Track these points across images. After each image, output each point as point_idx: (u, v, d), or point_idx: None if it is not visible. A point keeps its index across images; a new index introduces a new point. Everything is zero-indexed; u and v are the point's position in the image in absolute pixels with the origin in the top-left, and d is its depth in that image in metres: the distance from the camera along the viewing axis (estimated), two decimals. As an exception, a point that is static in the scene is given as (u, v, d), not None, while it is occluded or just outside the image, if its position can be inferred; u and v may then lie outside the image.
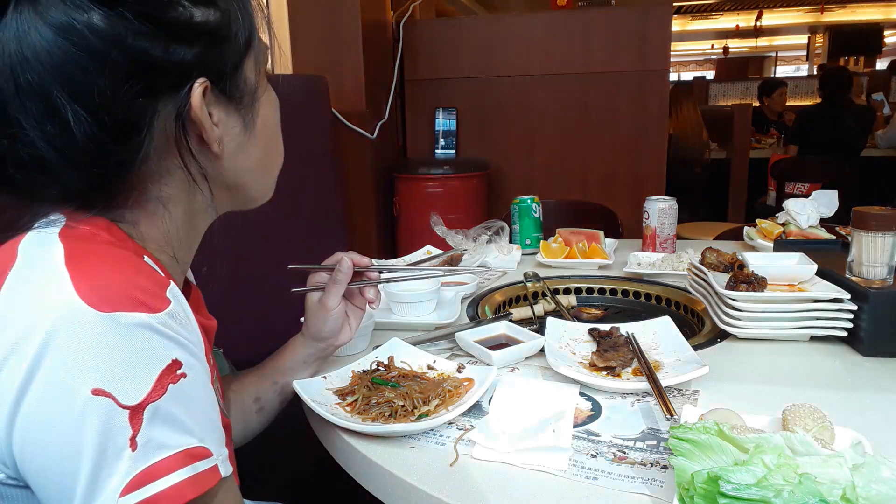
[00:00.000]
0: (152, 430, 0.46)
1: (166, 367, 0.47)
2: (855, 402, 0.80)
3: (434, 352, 0.95)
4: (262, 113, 0.62)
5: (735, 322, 0.99)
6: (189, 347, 0.50)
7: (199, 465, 0.48)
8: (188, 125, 0.54)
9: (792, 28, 10.10)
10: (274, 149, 0.66)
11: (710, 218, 4.07)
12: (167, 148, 0.54)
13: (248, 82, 0.59)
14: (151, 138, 0.52)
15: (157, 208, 0.57)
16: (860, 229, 0.96)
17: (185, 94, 0.53)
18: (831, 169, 3.80)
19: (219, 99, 0.56)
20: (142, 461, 0.46)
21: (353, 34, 2.51)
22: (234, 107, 0.58)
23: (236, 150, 0.59)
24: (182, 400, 0.48)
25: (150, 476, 0.46)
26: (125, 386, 0.45)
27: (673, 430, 0.59)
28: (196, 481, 0.48)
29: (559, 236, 1.55)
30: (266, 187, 0.68)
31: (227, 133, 0.58)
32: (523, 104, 2.92)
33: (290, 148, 0.70)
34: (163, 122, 0.53)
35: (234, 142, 0.59)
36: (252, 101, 0.60)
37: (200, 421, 0.50)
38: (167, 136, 0.54)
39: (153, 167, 0.54)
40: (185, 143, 0.54)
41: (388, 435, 0.74)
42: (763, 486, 0.51)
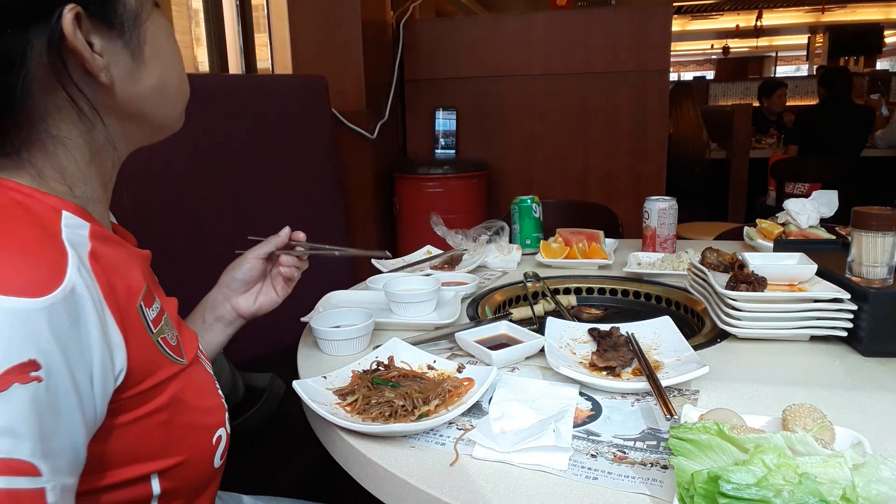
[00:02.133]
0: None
1: (19, 364, 0.43)
2: (855, 402, 0.80)
3: (434, 352, 0.95)
4: (150, 39, 0.60)
5: (735, 322, 0.99)
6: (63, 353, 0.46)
7: (17, 481, 0.42)
8: (66, 56, 0.53)
9: (792, 28, 10.11)
10: (171, 75, 0.63)
11: (710, 218, 4.07)
12: (50, 82, 0.53)
13: (126, 7, 0.57)
14: (28, 72, 0.51)
15: (55, 148, 0.55)
16: (860, 229, 0.96)
17: (55, 21, 0.51)
18: (831, 169, 3.80)
19: (97, 27, 0.55)
20: None
21: (353, 34, 2.51)
22: (117, 34, 0.56)
23: (127, 78, 0.58)
24: (25, 405, 0.43)
25: None
26: None
27: (673, 430, 0.59)
28: (9, 497, 0.42)
29: (559, 236, 1.55)
30: (171, 116, 0.65)
31: (114, 61, 0.56)
32: (523, 104, 2.92)
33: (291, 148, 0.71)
34: (38, 54, 0.51)
35: (124, 70, 0.57)
36: (135, 27, 0.58)
37: (43, 436, 0.44)
38: (46, 69, 0.52)
39: (40, 104, 0.53)
40: (66, 75, 0.53)
41: (388, 435, 0.74)
42: (763, 486, 0.51)
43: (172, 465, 0.58)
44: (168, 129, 0.66)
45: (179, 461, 0.59)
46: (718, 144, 4.64)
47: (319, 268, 1.96)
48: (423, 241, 1.64)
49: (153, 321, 0.59)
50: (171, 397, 0.58)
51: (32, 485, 0.43)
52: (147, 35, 0.59)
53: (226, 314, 0.90)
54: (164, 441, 0.57)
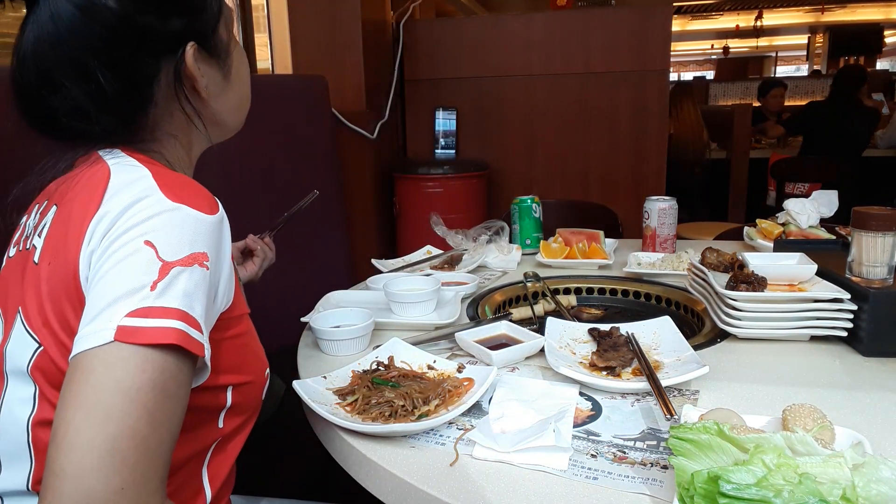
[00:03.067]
0: (171, 285, 0.56)
1: (199, 252, 0.59)
2: (855, 402, 0.80)
3: (434, 352, 0.95)
4: (234, 65, 0.78)
5: (735, 322, 0.99)
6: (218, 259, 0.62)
7: (191, 330, 0.56)
8: (183, 78, 0.71)
9: (792, 28, 10.11)
10: (245, 93, 0.82)
11: (710, 218, 4.07)
12: (169, 95, 0.71)
13: (222, 40, 0.75)
14: (159, 88, 0.70)
15: (169, 140, 0.73)
16: (860, 229, 0.96)
17: (180, 55, 0.69)
18: (831, 169, 3.80)
19: (203, 56, 0.72)
20: (153, 300, 0.55)
21: (353, 34, 2.51)
22: (215, 61, 0.74)
23: (219, 94, 0.76)
24: (200, 282, 0.58)
25: (154, 313, 0.55)
26: (167, 247, 0.57)
27: (673, 430, 0.59)
28: (182, 336, 0.55)
29: (559, 236, 1.55)
30: (240, 122, 0.83)
31: (211, 81, 0.74)
32: (523, 104, 2.92)
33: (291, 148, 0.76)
34: (165, 76, 0.70)
35: (217, 88, 0.75)
36: (227, 56, 0.76)
37: (204, 308, 0.59)
38: (169, 86, 0.70)
39: (162, 110, 0.71)
40: (182, 92, 0.71)
41: (388, 435, 0.74)
42: (763, 486, 0.51)
43: (242, 381, 0.70)
44: (235, 130, 0.84)
45: (247, 380, 0.71)
46: (718, 144, 4.64)
47: (320, 268, 1.97)
48: (423, 241, 1.64)
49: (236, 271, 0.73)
50: (248, 327, 0.72)
51: (198, 337, 0.57)
52: (233, 61, 0.77)
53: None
54: (242, 360, 0.70)
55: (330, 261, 2.02)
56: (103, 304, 0.55)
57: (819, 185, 3.67)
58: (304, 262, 1.90)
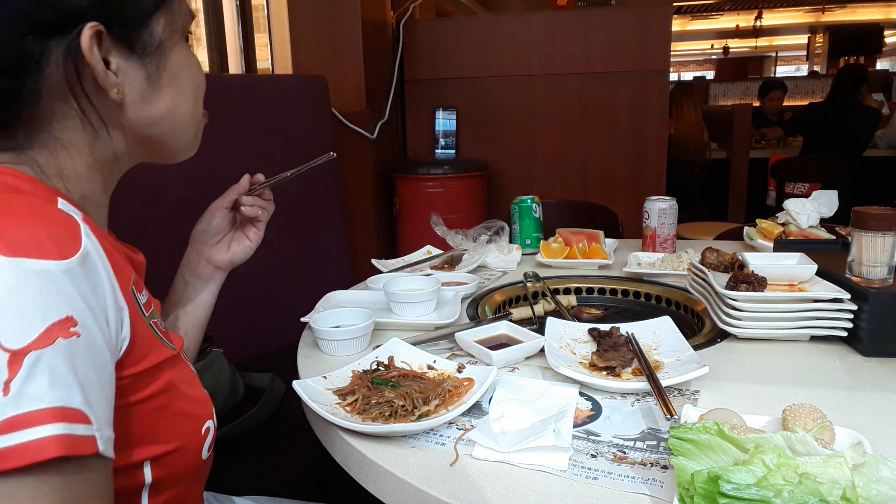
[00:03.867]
0: (30, 378, 0.44)
1: (59, 320, 0.46)
2: (855, 402, 0.80)
3: (434, 352, 0.95)
4: (170, 67, 0.63)
5: (735, 322, 0.99)
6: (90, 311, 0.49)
7: (74, 427, 0.45)
8: (82, 68, 0.56)
9: (792, 28, 10.11)
10: (185, 104, 0.66)
11: (710, 218, 4.07)
12: (62, 90, 0.56)
13: (154, 36, 0.60)
14: (41, 76, 0.54)
15: (57, 149, 0.58)
16: (860, 229, 0.96)
17: (74, 36, 0.54)
18: (831, 169, 3.80)
19: (118, 47, 0.58)
20: (11, 407, 0.43)
21: (353, 34, 2.51)
22: (136, 56, 0.59)
23: (139, 99, 0.61)
24: (70, 357, 0.46)
25: (17, 424, 0.43)
26: (11, 329, 0.44)
27: (673, 430, 0.59)
28: (66, 442, 0.44)
29: (559, 236, 1.55)
30: (179, 143, 0.68)
31: (129, 81, 0.59)
32: (523, 104, 2.92)
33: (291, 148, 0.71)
34: (55, 63, 0.54)
35: (137, 91, 0.60)
36: (160, 57, 0.61)
37: (87, 386, 0.47)
38: (61, 77, 0.55)
39: (48, 107, 0.56)
40: (79, 86, 0.56)
41: (388, 435, 0.74)
42: (763, 486, 0.51)
43: (165, 451, 0.59)
44: (175, 155, 0.69)
45: (172, 448, 0.60)
46: (718, 144, 4.64)
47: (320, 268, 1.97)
48: (423, 241, 1.64)
49: (144, 305, 0.61)
50: (167, 382, 0.60)
51: (86, 431, 0.46)
52: (168, 62, 0.62)
53: (202, 269, 0.89)
54: (159, 426, 0.59)
55: (330, 261, 2.02)
56: None
57: (819, 185, 3.67)
58: (304, 262, 1.90)
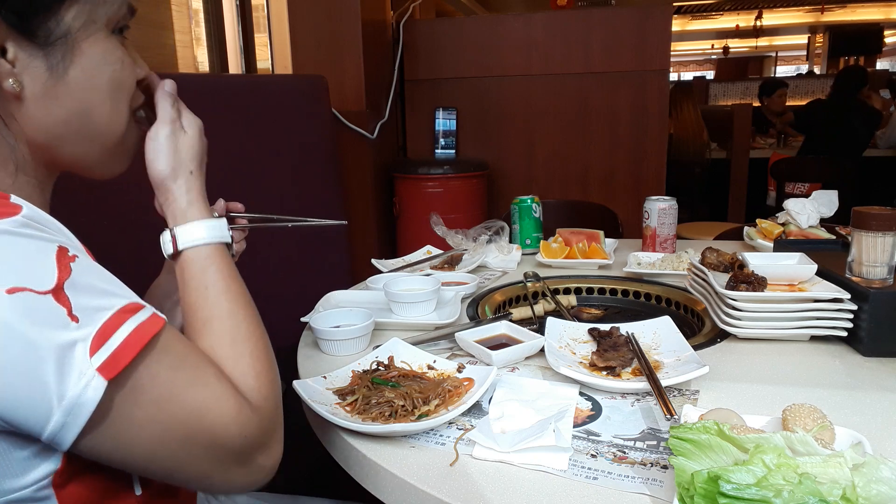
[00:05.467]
0: (81, 299, 0.48)
1: (57, 251, 0.49)
2: (855, 402, 0.80)
3: (434, 352, 0.95)
4: (81, 62, 0.57)
5: (735, 322, 0.99)
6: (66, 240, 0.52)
7: (139, 316, 0.51)
8: None
9: (792, 28, 10.11)
10: (101, 107, 0.60)
11: (710, 218, 4.07)
12: None
13: (61, 26, 0.55)
14: None
15: None
16: (860, 229, 0.96)
17: None
18: (831, 169, 3.80)
19: (15, 35, 0.54)
20: (90, 325, 0.48)
21: (353, 34, 2.51)
22: (39, 47, 0.55)
23: (42, 95, 0.56)
24: (89, 272, 0.50)
25: (105, 335, 0.48)
26: (33, 277, 0.46)
27: (673, 430, 0.59)
28: (143, 330, 0.51)
29: (559, 236, 1.55)
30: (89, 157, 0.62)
31: (28, 73, 0.55)
32: (523, 104, 2.92)
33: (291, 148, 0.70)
34: None
35: (38, 84, 0.56)
36: (68, 51, 0.56)
37: (116, 284, 0.53)
38: None
39: None
40: None
41: (388, 435, 0.74)
42: (763, 486, 0.51)
43: None
44: (93, 166, 0.63)
45: None
46: (718, 144, 4.64)
47: (320, 268, 1.97)
48: (423, 241, 1.64)
49: None
50: None
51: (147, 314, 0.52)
52: (79, 56, 0.57)
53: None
54: None
55: (330, 261, 2.02)
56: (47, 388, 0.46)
57: (819, 185, 3.67)
58: (304, 262, 1.90)
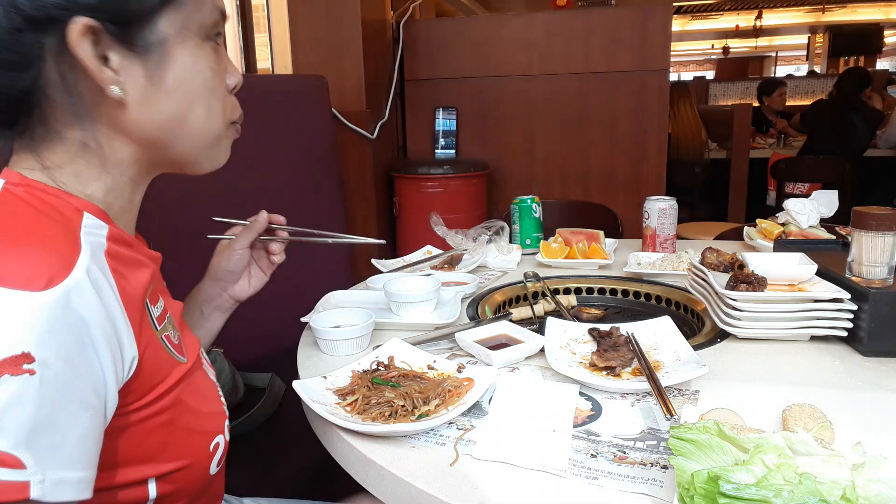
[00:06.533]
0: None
1: (11, 356, 0.43)
2: (855, 402, 0.80)
3: (434, 352, 0.95)
4: (176, 68, 0.59)
5: (735, 322, 0.99)
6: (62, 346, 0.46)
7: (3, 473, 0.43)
8: (76, 64, 0.54)
9: (792, 28, 10.11)
10: (196, 110, 0.62)
11: (710, 218, 4.07)
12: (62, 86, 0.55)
13: (156, 34, 0.57)
14: (41, 72, 0.53)
15: (78, 150, 0.58)
16: (860, 229, 0.96)
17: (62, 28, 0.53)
18: (831, 169, 3.80)
19: (117, 43, 0.55)
20: None
21: (353, 34, 2.51)
22: (138, 55, 0.57)
23: (142, 100, 0.58)
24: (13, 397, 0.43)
25: None
26: None
27: (673, 430, 0.59)
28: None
29: (559, 236, 1.55)
30: (193, 153, 0.65)
31: (129, 80, 0.57)
32: (523, 104, 2.92)
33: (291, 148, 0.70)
34: (51, 58, 0.53)
35: (138, 91, 0.58)
36: (162, 57, 0.58)
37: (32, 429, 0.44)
38: (57, 73, 0.54)
39: (53, 104, 0.55)
40: (75, 82, 0.55)
41: (388, 435, 0.74)
42: (763, 486, 0.51)
43: (171, 469, 0.59)
44: (193, 164, 0.66)
45: (178, 466, 0.59)
46: (718, 144, 4.64)
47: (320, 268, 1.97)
48: (423, 241, 1.64)
49: (157, 318, 0.61)
50: (174, 399, 0.59)
51: (14, 476, 0.43)
52: (174, 63, 0.59)
53: (224, 303, 0.93)
54: (164, 443, 0.58)
55: (330, 261, 2.02)
56: None
57: (819, 185, 3.67)
58: (304, 262, 1.90)
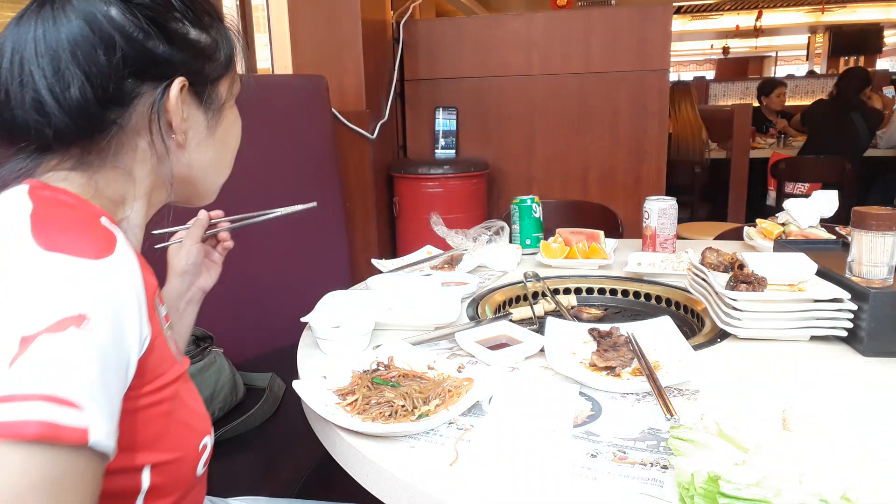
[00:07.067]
0: (32, 361, 0.46)
1: (73, 314, 0.49)
2: (855, 402, 0.80)
3: (434, 352, 0.95)
4: (224, 125, 0.73)
5: (735, 322, 0.99)
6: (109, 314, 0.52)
7: (62, 415, 0.46)
8: (162, 112, 0.65)
9: (792, 28, 10.11)
10: (226, 156, 0.77)
11: (710, 218, 4.07)
12: (140, 125, 0.64)
13: (218, 96, 0.71)
14: (129, 112, 0.63)
15: (121, 175, 0.66)
16: (860, 229, 0.96)
17: (165, 85, 0.64)
18: (831, 169, 3.80)
19: (191, 100, 0.68)
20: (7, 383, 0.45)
21: (353, 34, 2.51)
22: (203, 111, 0.70)
23: (196, 146, 0.70)
24: (75, 350, 0.48)
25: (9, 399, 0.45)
26: (29, 313, 0.48)
27: (673, 430, 0.59)
28: (48, 427, 0.45)
29: (559, 236, 1.55)
30: (212, 189, 0.78)
31: (193, 129, 0.69)
32: (523, 104, 2.92)
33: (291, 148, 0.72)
34: (143, 103, 0.64)
35: (196, 139, 0.70)
36: (218, 113, 0.72)
37: (88, 380, 0.49)
38: (142, 115, 0.64)
39: (126, 138, 0.64)
40: (157, 126, 0.65)
41: (388, 435, 0.74)
42: (763, 486, 0.51)
43: (165, 460, 0.61)
44: (202, 197, 0.78)
45: (171, 458, 0.62)
46: (718, 144, 4.64)
47: (320, 268, 1.97)
48: (423, 241, 1.64)
49: (164, 317, 0.66)
50: (174, 392, 0.63)
51: (74, 422, 0.47)
52: (223, 118, 0.73)
53: (194, 295, 0.98)
54: (162, 433, 0.61)
55: (330, 261, 2.02)
56: None
57: (819, 185, 3.67)
58: (304, 262, 1.90)
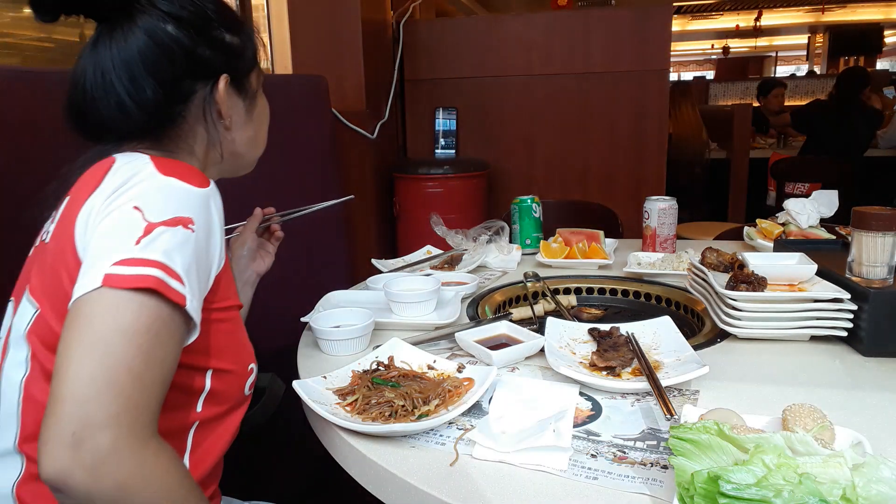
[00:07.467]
0: (154, 241, 0.63)
1: (184, 216, 0.66)
2: (855, 402, 0.80)
3: (434, 352, 0.95)
4: (258, 108, 0.92)
5: (735, 322, 0.99)
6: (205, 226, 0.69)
7: (170, 281, 0.62)
8: (212, 103, 0.82)
9: (792, 28, 10.11)
10: (261, 133, 0.95)
11: (710, 218, 4.07)
12: (198, 115, 0.82)
13: (251, 85, 0.89)
14: (191, 106, 0.81)
15: (188, 155, 0.83)
16: (860, 229, 0.96)
17: (214, 82, 0.82)
18: (831, 169, 3.80)
19: (233, 91, 0.85)
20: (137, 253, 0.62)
21: (353, 34, 2.51)
22: (241, 98, 0.87)
23: (239, 127, 0.88)
24: (183, 242, 0.65)
25: (136, 263, 0.61)
26: (153, 211, 0.65)
27: (673, 430, 0.59)
28: (161, 284, 0.61)
29: (559, 236, 1.55)
30: (252, 160, 0.96)
31: (235, 114, 0.86)
32: (523, 104, 2.92)
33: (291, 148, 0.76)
34: (199, 97, 0.81)
35: (239, 121, 0.88)
36: (253, 98, 0.90)
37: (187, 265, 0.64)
38: (199, 106, 0.81)
39: (189, 126, 0.82)
40: (209, 114, 0.83)
41: (388, 435, 0.74)
42: (763, 486, 0.51)
43: (224, 368, 0.75)
44: (246, 168, 0.96)
45: (229, 368, 0.76)
46: (718, 144, 4.64)
47: (320, 268, 1.97)
48: (423, 241, 1.64)
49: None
50: (234, 316, 0.78)
51: (178, 288, 0.62)
52: (256, 103, 0.91)
53: (250, 277, 1.10)
54: (225, 345, 0.75)
55: (330, 261, 2.02)
56: (95, 259, 0.62)
57: (819, 185, 3.67)
58: (304, 262, 1.90)
